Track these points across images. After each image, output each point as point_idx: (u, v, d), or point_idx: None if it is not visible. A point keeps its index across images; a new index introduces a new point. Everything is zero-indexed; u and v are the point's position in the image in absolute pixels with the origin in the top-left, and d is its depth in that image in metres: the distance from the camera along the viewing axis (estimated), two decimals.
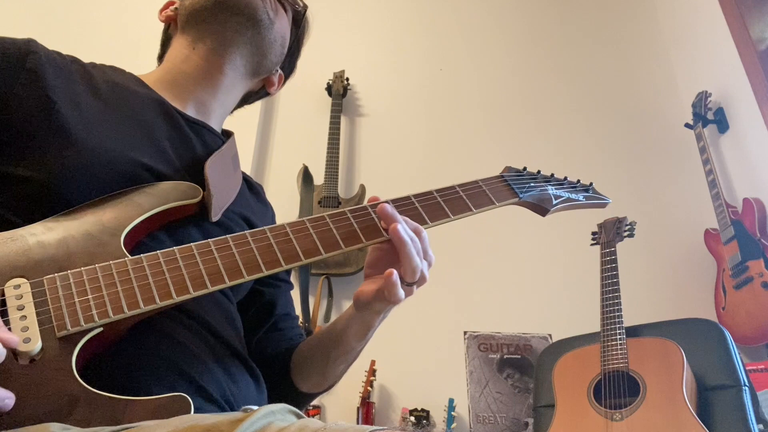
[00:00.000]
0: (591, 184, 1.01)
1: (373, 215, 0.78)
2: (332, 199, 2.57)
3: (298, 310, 2.30)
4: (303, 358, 0.93)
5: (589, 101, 3.07)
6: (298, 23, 1.05)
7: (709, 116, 2.72)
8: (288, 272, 1.05)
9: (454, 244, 2.60)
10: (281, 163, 2.79)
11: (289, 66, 1.10)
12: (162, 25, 1.04)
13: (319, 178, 2.66)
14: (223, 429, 0.51)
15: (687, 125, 2.77)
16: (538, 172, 0.98)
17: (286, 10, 1.01)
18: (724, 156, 2.72)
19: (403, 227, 0.74)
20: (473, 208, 0.85)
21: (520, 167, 0.98)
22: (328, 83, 2.91)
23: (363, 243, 0.76)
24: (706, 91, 2.73)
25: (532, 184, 0.93)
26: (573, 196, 0.97)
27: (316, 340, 0.93)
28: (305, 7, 1.06)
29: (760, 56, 2.58)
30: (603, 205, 1.00)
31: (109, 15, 2.94)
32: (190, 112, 0.92)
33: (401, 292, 0.74)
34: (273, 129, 2.90)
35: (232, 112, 1.06)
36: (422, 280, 0.77)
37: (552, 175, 0.99)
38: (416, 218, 0.80)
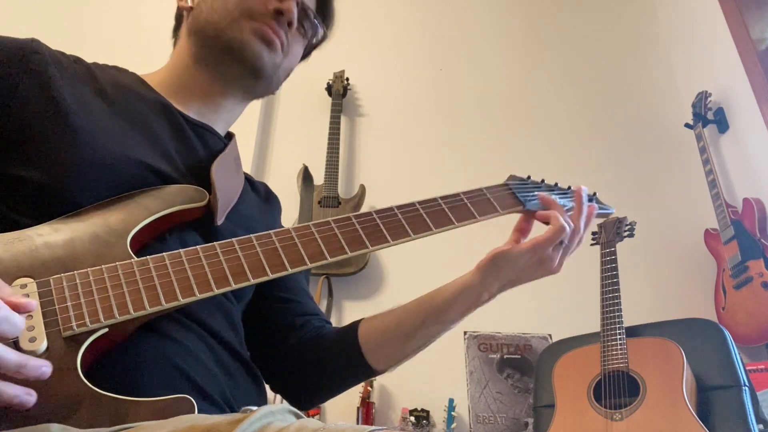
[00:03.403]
0: (595, 194, 1.01)
1: (378, 221, 0.79)
2: (332, 199, 2.57)
3: None
4: (381, 336, 0.92)
5: (589, 101, 3.07)
6: (317, 43, 1.04)
7: (709, 116, 2.73)
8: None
9: (455, 244, 2.60)
10: (281, 163, 2.79)
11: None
12: (169, 22, 1.04)
13: (319, 178, 2.66)
14: (223, 429, 0.52)
15: (687, 125, 2.77)
16: (542, 180, 0.98)
17: (304, 37, 0.99)
18: (724, 156, 2.73)
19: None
20: (477, 216, 0.85)
21: (521, 170, 0.98)
22: (328, 83, 2.91)
23: (368, 248, 0.77)
24: (706, 91, 2.74)
25: (537, 193, 0.93)
26: None
27: (404, 317, 0.92)
28: (326, 35, 1.03)
29: (760, 56, 2.58)
30: (606, 215, 1.01)
31: (111, 14, 2.94)
32: (193, 114, 0.92)
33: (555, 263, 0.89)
34: (273, 129, 2.91)
35: None
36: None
37: (556, 184, 0.99)
38: (421, 225, 0.81)
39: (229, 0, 0.89)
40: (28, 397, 0.55)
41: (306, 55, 1.05)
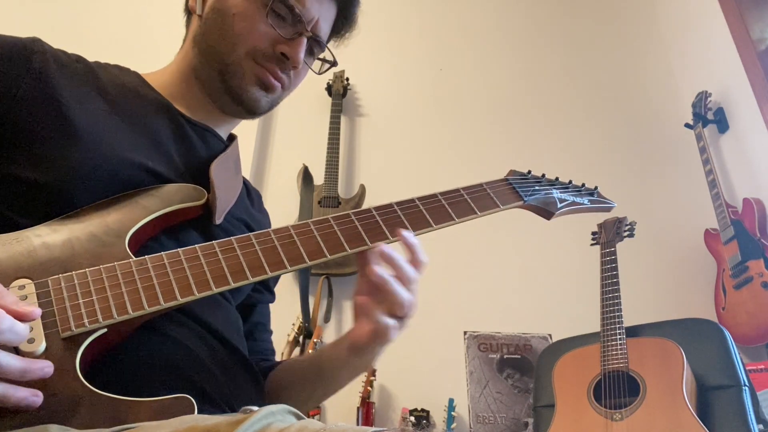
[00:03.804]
0: (596, 188, 1.01)
1: (377, 217, 0.78)
2: (332, 199, 2.57)
3: (297, 311, 2.32)
4: (281, 387, 0.92)
5: (589, 101, 3.07)
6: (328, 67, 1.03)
7: (709, 116, 2.73)
8: (275, 283, 1.05)
9: (455, 244, 2.60)
10: (281, 163, 2.79)
11: None
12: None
13: (319, 178, 2.66)
14: (223, 430, 0.52)
15: (687, 125, 2.77)
16: (543, 175, 0.97)
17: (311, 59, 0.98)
18: (724, 156, 2.73)
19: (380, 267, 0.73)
20: (477, 211, 0.84)
21: (521, 168, 0.97)
22: (328, 83, 2.91)
23: (367, 245, 0.76)
24: (706, 91, 2.74)
25: (537, 188, 0.92)
26: (578, 199, 0.96)
27: (300, 373, 0.91)
28: (335, 63, 1.02)
29: (760, 56, 2.58)
30: (608, 209, 1.00)
31: (113, 12, 2.94)
32: (194, 116, 0.92)
33: (394, 332, 0.75)
34: (273, 129, 2.91)
35: None
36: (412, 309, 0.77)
37: (557, 178, 0.98)
38: (420, 221, 0.80)
39: (237, 33, 0.86)
40: (35, 398, 0.55)
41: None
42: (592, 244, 2.11)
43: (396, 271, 0.74)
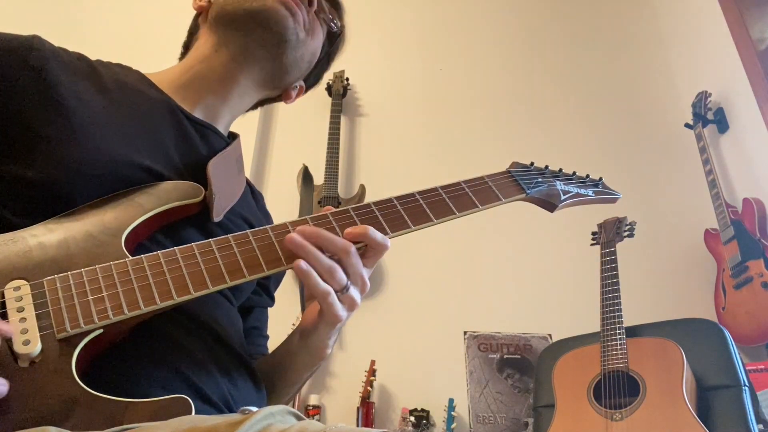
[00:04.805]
0: (601, 179, 1.00)
1: (376, 212, 0.78)
2: (332, 199, 2.57)
3: (298, 311, 2.31)
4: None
5: (589, 101, 3.07)
6: (333, 41, 1.04)
7: (709, 116, 2.73)
8: (275, 287, 1.04)
9: (455, 244, 2.60)
10: (281, 163, 2.79)
11: (314, 78, 1.09)
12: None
13: (319, 178, 2.66)
14: (223, 431, 0.51)
15: (687, 125, 2.77)
16: (546, 167, 0.96)
17: (323, 26, 0.99)
18: (724, 156, 2.72)
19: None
20: (479, 204, 0.83)
21: (527, 163, 0.96)
22: (328, 83, 2.91)
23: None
24: (706, 91, 2.73)
25: (540, 180, 0.91)
26: (582, 191, 0.95)
27: (262, 367, 0.90)
28: (342, 27, 1.03)
29: (760, 56, 2.58)
30: (613, 200, 0.98)
31: (116, 11, 2.94)
32: (198, 113, 0.91)
33: (338, 308, 0.72)
34: (273, 129, 2.91)
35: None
36: (362, 285, 0.74)
37: (560, 170, 0.97)
38: (420, 216, 0.79)
39: None
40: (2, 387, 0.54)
41: (327, 58, 1.06)
42: (592, 244, 2.11)
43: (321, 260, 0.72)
